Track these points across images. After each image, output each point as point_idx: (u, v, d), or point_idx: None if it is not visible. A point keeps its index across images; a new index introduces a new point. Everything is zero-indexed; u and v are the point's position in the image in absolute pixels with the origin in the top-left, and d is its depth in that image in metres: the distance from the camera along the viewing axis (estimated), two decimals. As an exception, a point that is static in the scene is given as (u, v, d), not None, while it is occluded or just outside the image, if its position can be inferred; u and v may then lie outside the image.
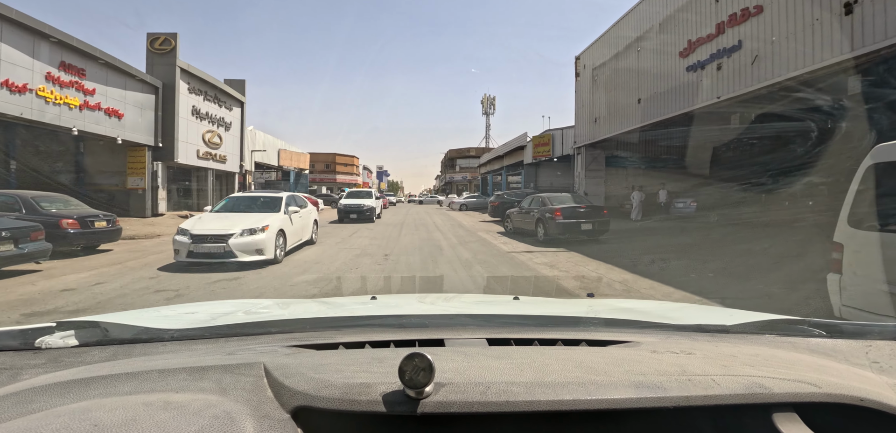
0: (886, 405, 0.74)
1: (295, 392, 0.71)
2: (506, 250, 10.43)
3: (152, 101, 19.51)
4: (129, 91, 18.03)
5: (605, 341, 1.06)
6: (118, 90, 17.42)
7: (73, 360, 0.95)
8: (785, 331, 1.19)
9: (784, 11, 10.08)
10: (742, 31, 11.30)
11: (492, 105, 79.59)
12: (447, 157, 74.30)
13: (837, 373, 0.84)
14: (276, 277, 6.93)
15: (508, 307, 1.69)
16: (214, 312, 1.51)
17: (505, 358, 0.86)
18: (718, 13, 12.04)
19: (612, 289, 6.23)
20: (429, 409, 0.67)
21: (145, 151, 19.24)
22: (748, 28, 11.11)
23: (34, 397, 0.70)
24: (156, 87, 19.57)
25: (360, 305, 1.74)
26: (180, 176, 23.34)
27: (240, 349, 0.99)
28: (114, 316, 1.32)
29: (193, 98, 21.85)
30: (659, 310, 1.61)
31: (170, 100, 20.05)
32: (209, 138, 23.35)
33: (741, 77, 11.47)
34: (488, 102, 79.52)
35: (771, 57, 10.50)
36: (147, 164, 19.34)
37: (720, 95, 12.07)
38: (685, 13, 13.40)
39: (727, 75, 11.92)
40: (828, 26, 9.03)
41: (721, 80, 12.10)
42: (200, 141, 22.64)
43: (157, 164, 19.84)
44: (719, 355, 0.92)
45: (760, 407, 0.73)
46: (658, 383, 0.74)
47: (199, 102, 22.40)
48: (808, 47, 9.45)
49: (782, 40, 10.12)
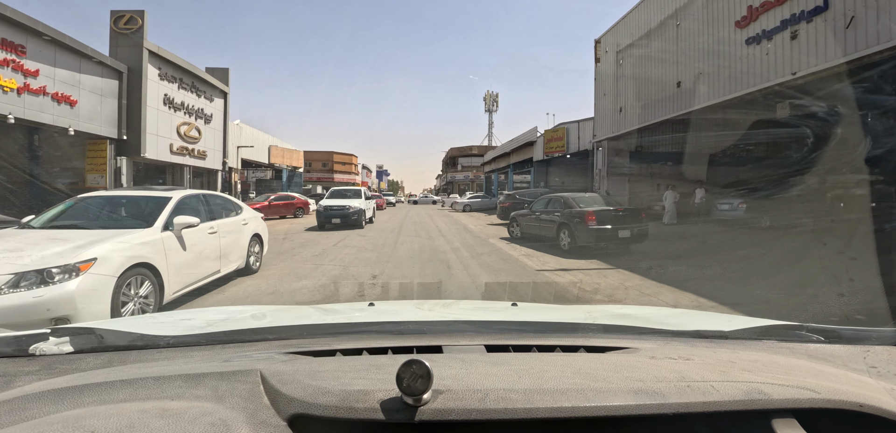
0: (884, 410, 0.74)
1: (292, 399, 0.70)
2: (534, 267, 8.00)
3: (115, 87, 17.10)
4: (84, 74, 15.61)
5: (604, 347, 1.06)
6: (70, 72, 15.00)
7: (67, 367, 0.95)
8: (783, 337, 1.18)
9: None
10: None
11: (495, 102, 77.07)
12: (448, 155, 71.88)
13: (836, 378, 0.84)
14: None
15: (506, 313, 1.69)
16: (211, 319, 1.50)
17: (503, 364, 0.85)
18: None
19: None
20: (427, 417, 0.67)
21: (106, 145, 16.84)
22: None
23: (28, 404, 0.70)
24: (119, 71, 17.17)
25: (357, 312, 1.72)
26: (153, 174, 20.92)
27: (236, 356, 1.00)
28: (109, 322, 1.43)
29: (165, 85, 19.42)
30: (657, 316, 1.66)
31: (136, 86, 17.63)
32: (185, 131, 20.94)
33: (826, 46, 9.04)
34: (491, 99, 77.00)
35: (875, 14, 8.08)
36: (108, 160, 16.95)
37: (796, 71, 9.64)
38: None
39: (805, 45, 9.49)
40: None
41: (797, 51, 9.67)
42: (174, 134, 20.23)
43: (121, 159, 17.43)
44: (718, 361, 0.92)
45: (759, 413, 0.73)
46: (657, 390, 0.74)
47: (173, 91, 19.98)
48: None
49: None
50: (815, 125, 12.76)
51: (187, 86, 21.06)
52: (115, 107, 17.08)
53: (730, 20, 11.42)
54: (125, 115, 17.33)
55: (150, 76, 18.24)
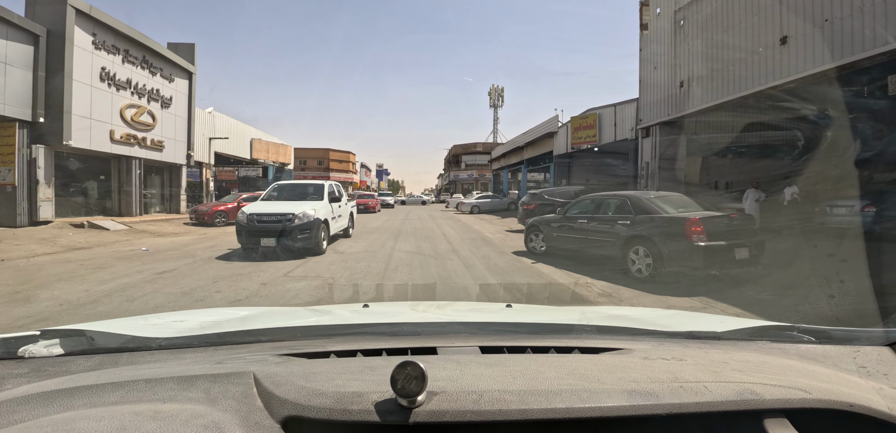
0: (874, 410, 0.75)
1: (285, 401, 0.69)
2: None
3: (29, 55, 13.20)
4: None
5: (598, 348, 1.05)
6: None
7: (57, 370, 0.93)
8: (775, 338, 1.18)
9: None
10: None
11: (500, 97, 72.94)
12: (451, 153, 67.90)
13: (827, 378, 0.85)
14: None
15: (501, 315, 1.66)
16: (203, 321, 1.48)
17: (498, 366, 0.85)
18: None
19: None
20: (421, 418, 0.67)
21: (15, 129, 12.94)
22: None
23: (16, 408, 0.68)
24: (35, 34, 13.27)
25: (351, 313, 1.66)
26: (91, 168, 16.98)
27: (229, 358, 0.98)
28: (100, 324, 1.31)
29: (102, 56, 15.50)
30: (650, 318, 1.62)
31: (58, 54, 13.71)
32: (133, 116, 17.03)
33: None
34: (496, 94, 72.86)
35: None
36: (18, 149, 13.06)
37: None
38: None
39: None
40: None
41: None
42: (117, 118, 16.31)
43: (36, 148, 13.52)
44: (710, 362, 0.92)
45: (752, 413, 0.73)
46: (650, 390, 0.74)
47: (114, 64, 16.06)
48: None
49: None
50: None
51: (136, 60, 17.14)
52: (28, 81, 13.17)
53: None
54: (42, 91, 13.42)
55: (78, 42, 14.32)
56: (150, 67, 17.91)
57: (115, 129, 16.15)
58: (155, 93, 18.27)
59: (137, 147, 17.35)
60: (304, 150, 57.06)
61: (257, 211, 8.87)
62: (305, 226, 8.50)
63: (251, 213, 8.77)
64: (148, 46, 17.64)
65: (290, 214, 8.49)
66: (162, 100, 18.74)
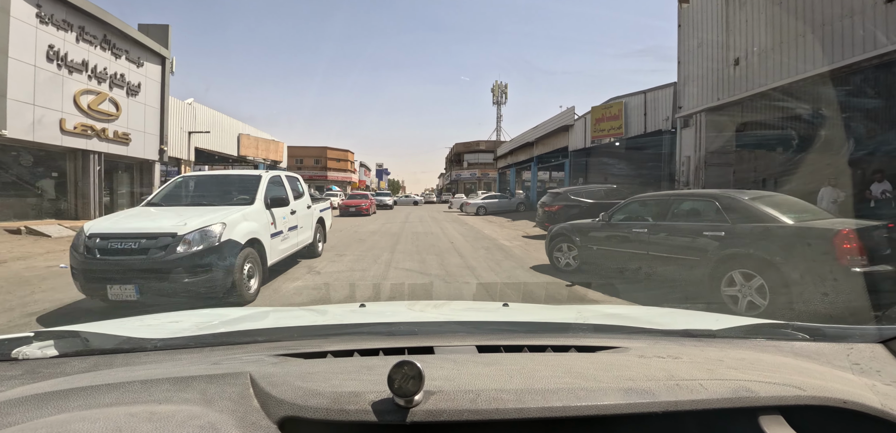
0: (867, 406, 0.74)
1: (282, 401, 0.69)
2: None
3: (-48, 26, 10.98)
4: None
5: (595, 347, 1.04)
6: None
7: (51, 371, 0.91)
8: (770, 335, 1.18)
9: None
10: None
11: (504, 94, 70.48)
12: (453, 151, 65.60)
13: (821, 375, 0.85)
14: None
15: (498, 314, 1.66)
16: (199, 321, 1.46)
17: (495, 365, 0.84)
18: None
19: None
20: (419, 418, 0.66)
21: (-68, 114, 10.72)
22: None
23: (10, 410, 0.68)
24: (-40, 2, 11.05)
25: (348, 313, 1.66)
26: (45, 163, 14.72)
27: (225, 358, 0.96)
28: (95, 325, 1.28)
29: (50, 32, 13.24)
30: (646, 316, 1.62)
31: (-11, 27, 11.48)
32: (90, 104, 14.76)
33: None
34: (499, 90, 70.52)
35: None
36: (-63, 138, 10.82)
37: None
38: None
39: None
40: None
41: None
42: (70, 106, 14.04)
43: (-38, 138, 11.30)
44: (706, 360, 0.91)
45: (747, 410, 0.73)
46: (647, 388, 0.74)
47: (65, 42, 13.79)
48: None
49: None
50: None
51: (94, 39, 14.87)
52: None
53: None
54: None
55: (16, 13, 12.06)
56: (112, 49, 15.64)
57: (67, 118, 13.88)
58: (119, 78, 16.00)
59: (96, 140, 15.09)
60: (299, 148, 54.85)
61: (106, 229, 4.64)
62: (201, 255, 4.47)
63: (93, 233, 4.57)
64: (110, 25, 15.37)
65: (168, 235, 4.45)
66: (128, 86, 16.47)
